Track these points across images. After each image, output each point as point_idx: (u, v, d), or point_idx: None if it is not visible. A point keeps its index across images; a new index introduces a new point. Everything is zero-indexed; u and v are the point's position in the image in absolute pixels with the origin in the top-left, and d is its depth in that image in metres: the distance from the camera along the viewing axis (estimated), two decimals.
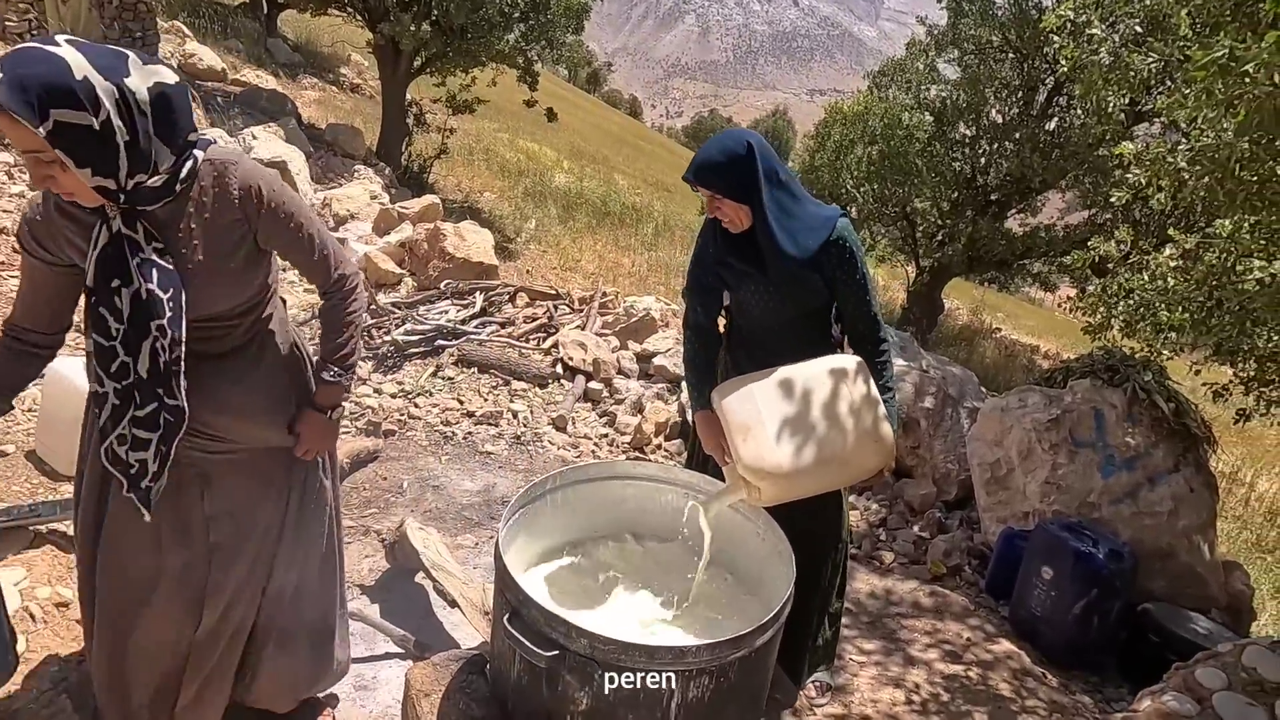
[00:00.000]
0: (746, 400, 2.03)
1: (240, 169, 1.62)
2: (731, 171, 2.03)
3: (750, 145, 2.03)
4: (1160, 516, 3.07)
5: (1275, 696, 2.07)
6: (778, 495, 2.01)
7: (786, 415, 2.00)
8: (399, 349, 4.85)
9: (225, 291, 1.65)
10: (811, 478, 2.01)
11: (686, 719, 1.79)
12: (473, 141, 14.74)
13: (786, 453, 1.96)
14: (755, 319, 2.25)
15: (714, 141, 2.10)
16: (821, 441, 1.99)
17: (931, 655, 2.79)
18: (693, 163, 2.09)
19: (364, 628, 2.66)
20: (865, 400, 2.04)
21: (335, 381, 1.87)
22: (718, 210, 2.10)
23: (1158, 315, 3.97)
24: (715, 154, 2.05)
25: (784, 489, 2.00)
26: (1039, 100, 10.71)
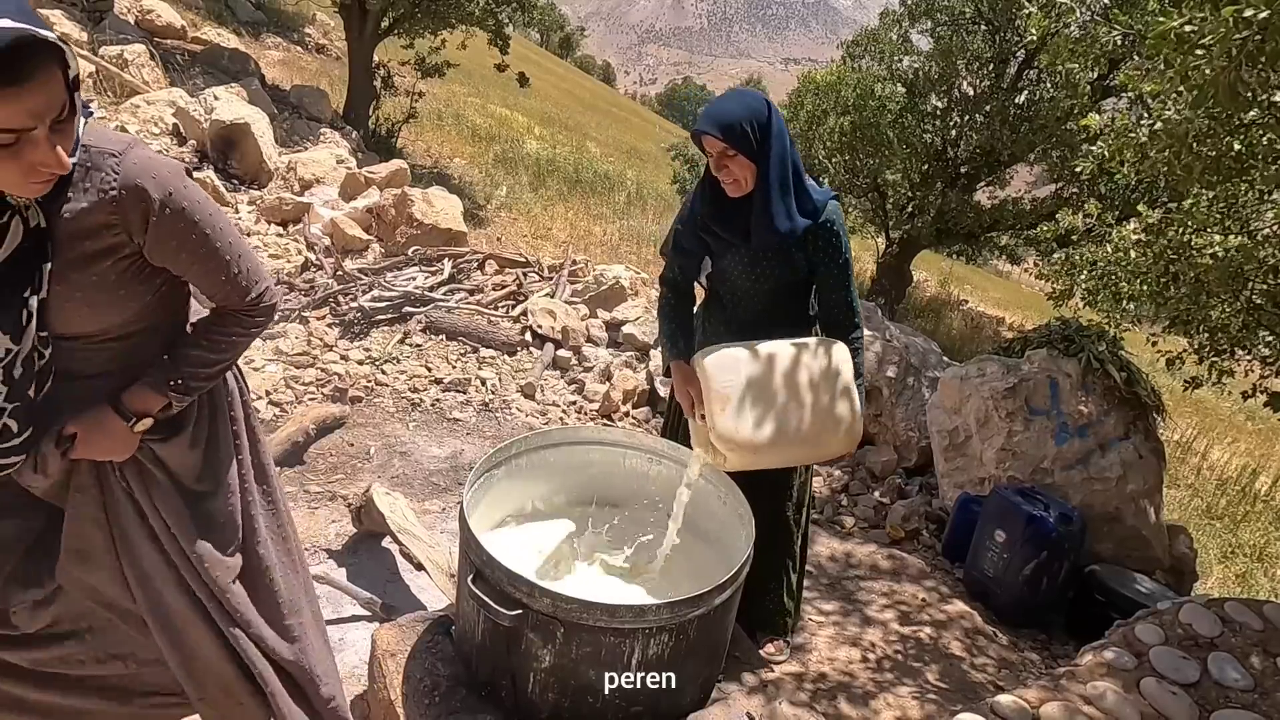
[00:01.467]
0: (731, 371, 2.05)
1: (125, 162, 1.26)
2: (752, 128, 1.99)
3: (768, 104, 2.03)
4: (1110, 482, 3.17)
5: (1208, 650, 2.17)
6: (742, 466, 2.06)
7: (766, 392, 2.03)
8: (366, 316, 4.81)
9: (85, 312, 1.31)
10: (778, 454, 2.06)
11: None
12: (442, 106, 14.49)
13: (762, 430, 2.00)
14: (734, 286, 2.25)
15: (732, 97, 2.06)
16: (795, 423, 2.03)
17: (888, 615, 2.89)
18: (708, 115, 2.02)
19: (331, 590, 2.68)
20: (844, 390, 2.08)
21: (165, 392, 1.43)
22: (725, 168, 2.05)
23: (1118, 287, 4.07)
24: (737, 108, 2.00)
25: (749, 461, 2.05)
26: (1009, 73, 10.77)
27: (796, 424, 2.03)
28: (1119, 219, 5.87)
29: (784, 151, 2.04)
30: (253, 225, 5.91)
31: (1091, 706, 1.96)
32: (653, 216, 12.80)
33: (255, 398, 3.78)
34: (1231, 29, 2.19)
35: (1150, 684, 2.03)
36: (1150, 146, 3.43)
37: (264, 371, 4.05)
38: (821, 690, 2.45)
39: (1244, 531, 6.34)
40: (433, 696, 1.96)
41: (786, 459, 2.11)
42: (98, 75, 7.61)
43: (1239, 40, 2.18)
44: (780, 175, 2.03)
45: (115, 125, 6.97)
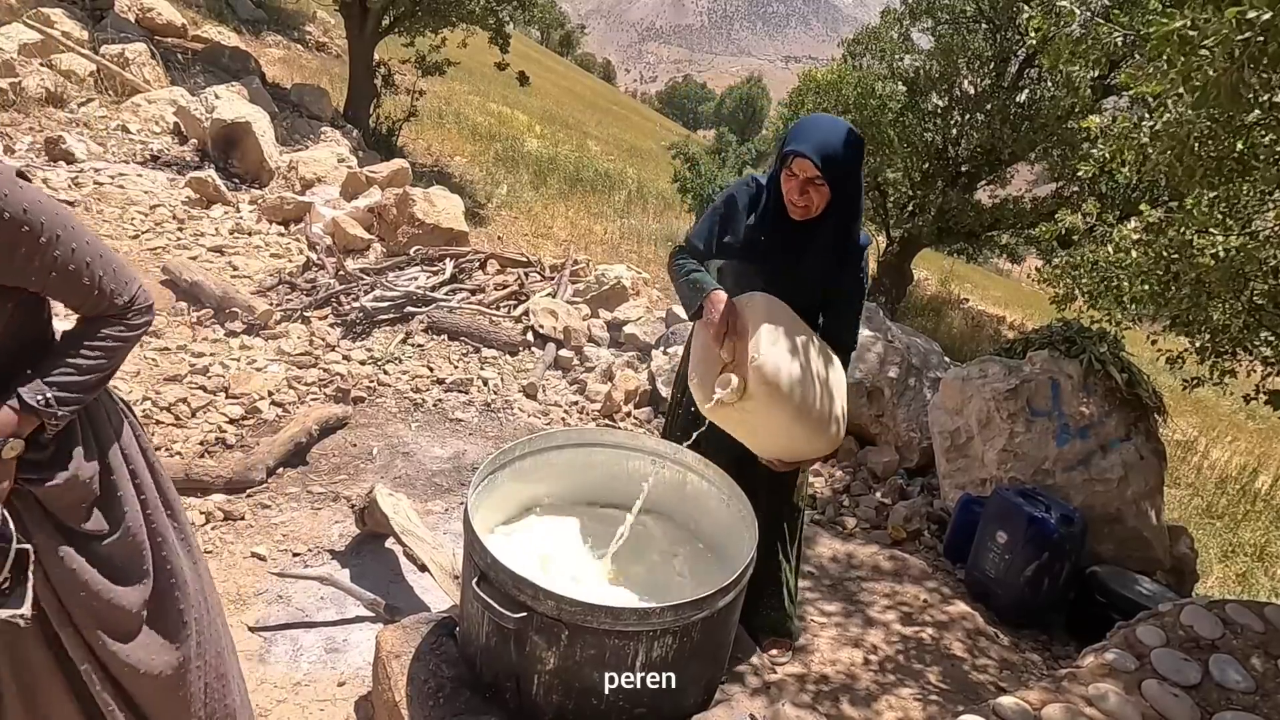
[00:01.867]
0: (782, 315, 2.06)
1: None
2: (852, 161, 2.03)
3: (861, 140, 2.07)
4: (1111, 483, 3.18)
5: (1209, 653, 2.18)
6: (757, 409, 1.99)
7: (800, 353, 2.04)
8: (368, 316, 4.82)
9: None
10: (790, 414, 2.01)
11: None
12: (443, 104, 14.49)
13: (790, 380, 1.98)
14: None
15: (836, 127, 2.05)
16: (814, 394, 2.03)
17: (890, 616, 2.89)
18: (812, 142, 2.00)
19: (334, 592, 2.69)
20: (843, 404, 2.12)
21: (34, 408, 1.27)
22: (806, 193, 2.03)
23: (1119, 287, 4.07)
24: (844, 142, 2.00)
25: (766, 406, 1.98)
26: (1010, 72, 10.76)
27: (814, 396, 2.03)
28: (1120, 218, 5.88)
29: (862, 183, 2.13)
30: (254, 225, 5.91)
31: (1093, 708, 1.97)
32: (653, 215, 12.80)
33: (258, 398, 3.79)
34: (1234, 30, 2.19)
35: (1152, 686, 2.04)
36: (1151, 147, 3.43)
37: (266, 372, 4.06)
38: (824, 691, 2.45)
39: (1244, 530, 6.35)
40: (437, 698, 1.97)
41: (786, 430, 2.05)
42: (99, 74, 7.61)
43: (1241, 41, 2.18)
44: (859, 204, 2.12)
45: (116, 124, 6.98)
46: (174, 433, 3.45)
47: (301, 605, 2.65)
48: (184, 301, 4.59)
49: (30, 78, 6.75)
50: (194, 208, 5.86)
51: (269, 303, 4.76)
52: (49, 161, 5.81)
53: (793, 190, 2.05)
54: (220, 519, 3.02)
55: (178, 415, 3.55)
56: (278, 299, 4.92)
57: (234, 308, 4.53)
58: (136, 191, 5.75)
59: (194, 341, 4.24)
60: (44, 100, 6.76)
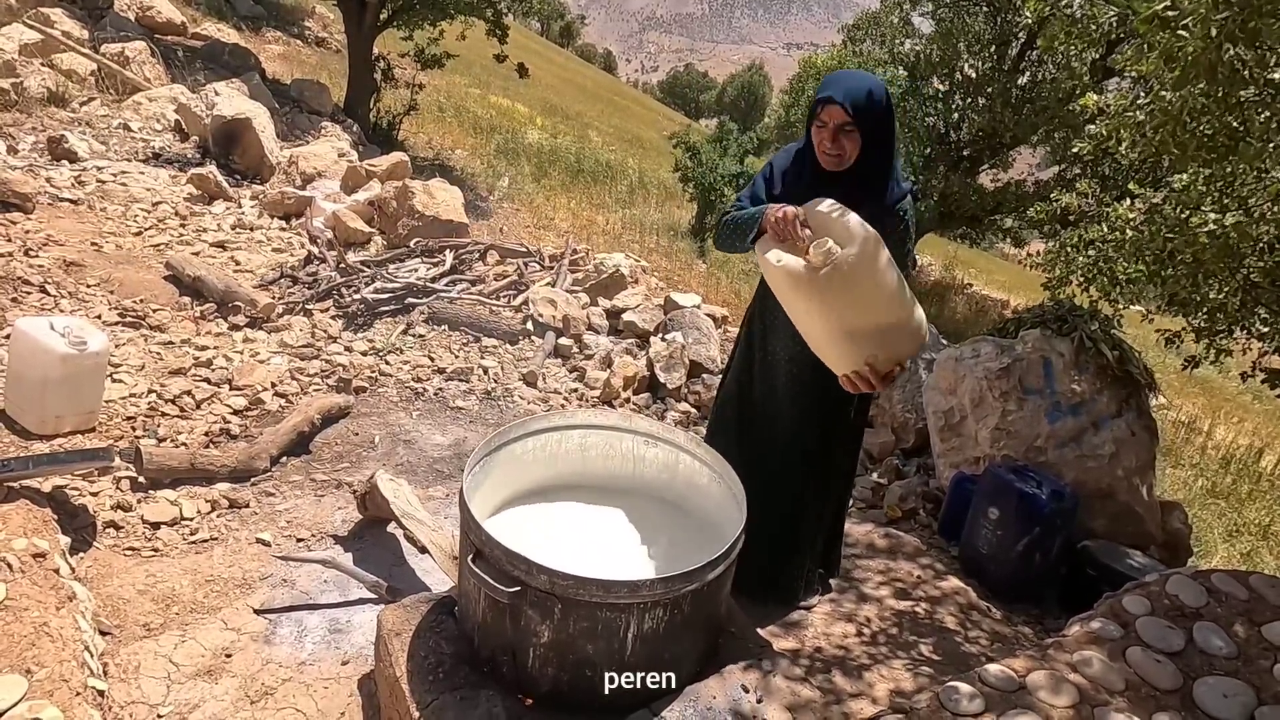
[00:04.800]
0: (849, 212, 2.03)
1: None
2: (881, 107, 2.08)
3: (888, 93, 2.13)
4: (1102, 459, 3.22)
5: (1193, 620, 2.22)
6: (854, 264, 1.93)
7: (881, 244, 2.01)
8: (369, 307, 4.87)
9: None
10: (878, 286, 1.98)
11: (643, 648, 1.91)
12: (443, 97, 14.50)
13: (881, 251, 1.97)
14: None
15: (862, 76, 2.14)
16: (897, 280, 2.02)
17: (883, 592, 2.94)
18: (842, 88, 2.04)
19: (338, 575, 2.75)
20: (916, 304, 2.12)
21: None
22: (838, 140, 2.08)
23: (1115, 267, 4.09)
24: (872, 88, 2.08)
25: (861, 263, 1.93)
26: (1011, 55, 10.74)
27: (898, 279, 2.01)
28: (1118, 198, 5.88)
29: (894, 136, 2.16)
30: (255, 219, 5.97)
31: (1077, 674, 2.01)
32: (655, 205, 12.81)
33: (261, 389, 3.85)
34: (1210, 9, 2.22)
35: (1136, 653, 2.08)
36: (1147, 125, 3.45)
37: (269, 364, 4.12)
38: (817, 664, 2.50)
39: (1249, 510, 6.36)
40: (437, 673, 2.03)
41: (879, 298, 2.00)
42: (99, 73, 7.67)
43: (1219, 21, 2.21)
44: (891, 154, 2.16)
45: (118, 123, 7.04)
46: (179, 424, 3.51)
47: (306, 588, 2.72)
48: (187, 296, 4.65)
49: (31, 78, 6.81)
50: (196, 204, 5.92)
51: (271, 296, 4.81)
52: (52, 161, 5.87)
53: (824, 139, 2.10)
54: (226, 507, 3.08)
55: (183, 407, 3.62)
56: (280, 292, 4.98)
57: (237, 301, 4.59)
58: (139, 189, 5.81)
59: (198, 335, 4.30)
60: (46, 100, 6.82)
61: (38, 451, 2.99)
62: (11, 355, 3.16)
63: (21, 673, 1.90)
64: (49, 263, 4.41)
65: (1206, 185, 3.59)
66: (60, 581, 2.25)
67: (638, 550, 2.28)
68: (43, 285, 4.19)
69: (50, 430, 3.13)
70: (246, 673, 2.34)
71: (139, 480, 3.03)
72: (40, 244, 4.58)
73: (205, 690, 2.27)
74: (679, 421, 4.38)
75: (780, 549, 2.55)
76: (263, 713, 2.22)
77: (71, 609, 2.18)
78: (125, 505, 2.92)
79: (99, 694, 2.05)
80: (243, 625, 2.52)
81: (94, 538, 2.75)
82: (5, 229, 4.60)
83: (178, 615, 2.53)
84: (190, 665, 2.33)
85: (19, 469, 2.56)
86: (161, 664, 2.32)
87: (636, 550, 2.28)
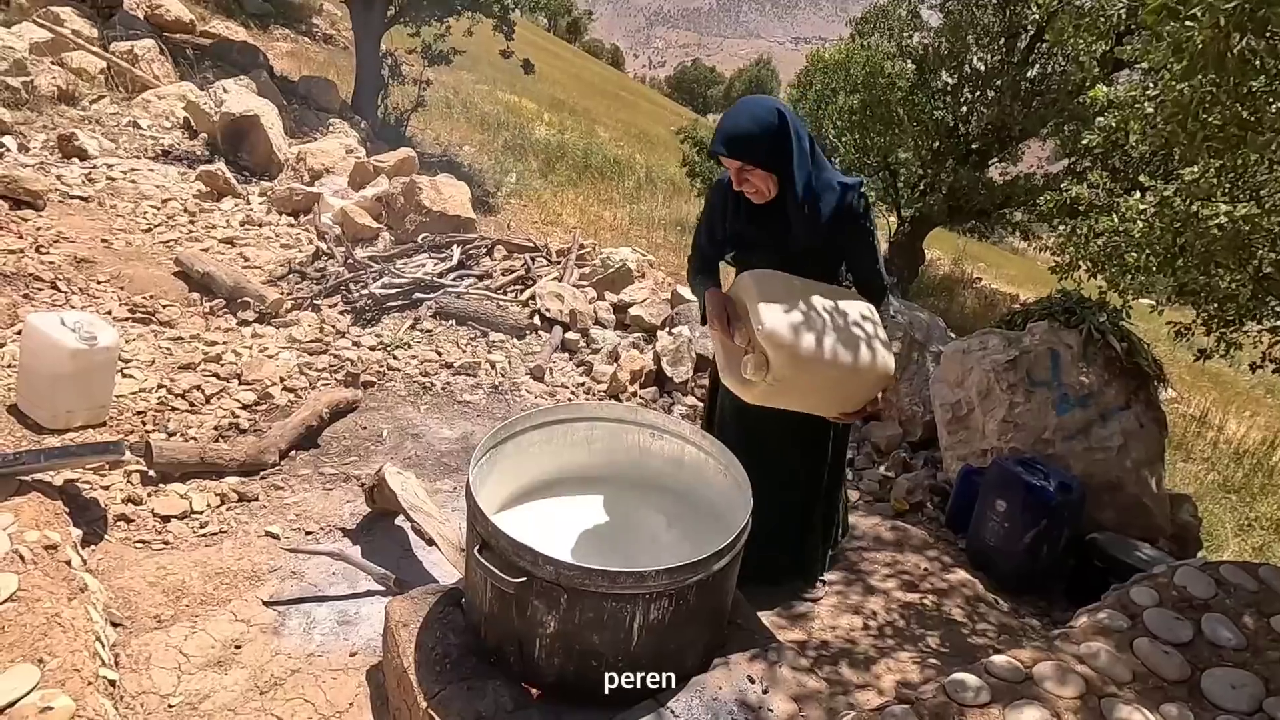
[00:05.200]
0: (776, 284, 2.09)
1: None
2: (766, 141, 2.00)
3: (780, 113, 2.03)
4: (1111, 451, 3.20)
5: (1202, 612, 2.21)
6: (785, 373, 2.01)
7: (808, 311, 2.06)
8: (376, 302, 4.89)
9: None
10: (815, 376, 2.05)
11: (649, 639, 1.91)
12: (450, 94, 14.51)
13: (802, 337, 2.01)
14: None
15: (741, 111, 2.05)
16: (832, 345, 2.05)
17: (890, 585, 2.94)
18: (720, 134, 2.04)
19: (346, 567, 2.77)
20: (875, 332, 2.13)
21: None
22: (746, 181, 2.08)
23: (1124, 258, 4.07)
24: (748, 124, 2.01)
25: (791, 369, 2.02)
26: (1020, 47, 10.65)
27: (835, 347, 2.04)
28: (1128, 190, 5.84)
29: (803, 154, 2.05)
30: (264, 216, 5.99)
31: (1084, 665, 2.00)
32: (663, 200, 12.79)
33: (270, 384, 3.87)
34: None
35: (1143, 644, 2.07)
36: (1156, 117, 3.42)
37: (278, 359, 4.14)
38: (824, 656, 2.51)
39: (1261, 504, 6.31)
40: (444, 664, 2.04)
41: (821, 385, 2.10)
42: (109, 71, 7.71)
43: (1227, 10, 2.19)
44: (805, 178, 2.06)
45: (128, 120, 7.08)
46: (189, 418, 3.54)
47: (314, 580, 2.73)
48: (197, 292, 4.67)
49: (42, 76, 6.85)
50: (205, 200, 5.95)
51: (280, 292, 4.84)
52: (62, 158, 5.91)
53: (735, 182, 2.11)
54: (235, 500, 3.10)
55: (192, 402, 3.64)
56: (288, 288, 5.00)
57: (245, 297, 4.61)
58: (149, 186, 5.84)
59: (207, 330, 4.33)
60: (56, 98, 6.86)
61: (49, 445, 3.02)
62: (23, 351, 3.19)
63: (34, 662, 1.92)
64: (60, 259, 4.44)
65: (1217, 176, 3.57)
66: (72, 573, 2.27)
67: (644, 541, 2.28)
68: (54, 281, 4.22)
69: (61, 425, 3.16)
70: (256, 664, 2.36)
71: (149, 474, 3.05)
72: (51, 241, 4.61)
73: (215, 681, 2.29)
74: (686, 415, 4.38)
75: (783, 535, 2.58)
76: (272, 703, 2.24)
77: (83, 600, 2.20)
78: (136, 499, 2.95)
79: (110, 684, 2.07)
80: (252, 617, 2.54)
81: (105, 530, 2.78)
82: (17, 226, 4.63)
83: (188, 607, 2.55)
84: (200, 656, 2.35)
85: (31, 462, 2.58)
86: (172, 655, 2.34)
87: (642, 541, 2.28)
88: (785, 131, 2.02)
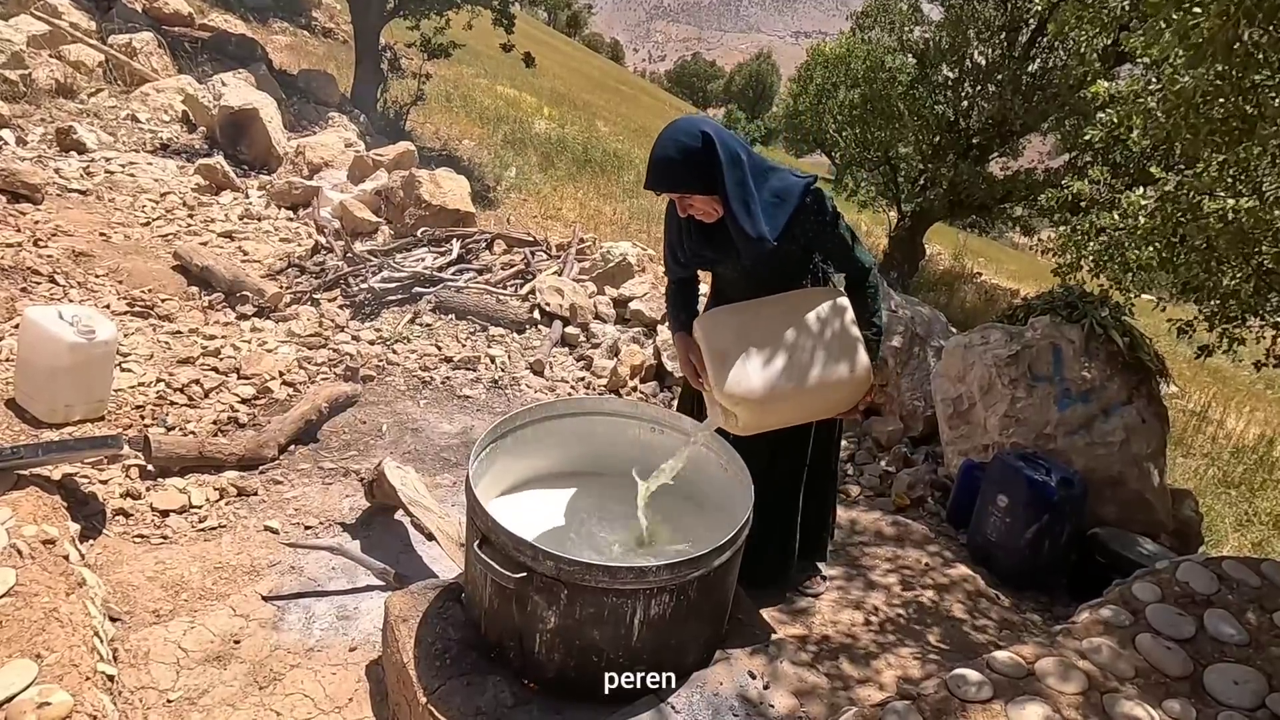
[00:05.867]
0: (724, 330, 2.09)
1: None
2: (694, 168, 1.96)
3: (705, 135, 1.96)
4: (1112, 446, 3.19)
5: (1204, 608, 2.20)
6: (754, 422, 2.07)
7: (763, 346, 2.06)
8: (376, 296, 4.87)
9: None
10: (788, 406, 2.08)
11: (650, 634, 1.90)
12: (450, 87, 14.46)
13: (761, 381, 2.02)
14: (735, 288, 2.30)
15: (667, 140, 1.99)
16: (797, 372, 2.05)
17: (891, 580, 2.93)
18: (651, 167, 2.00)
19: (346, 562, 2.76)
20: (842, 335, 2.11)
21: None
22: (690, 208, 2.06)
23: (1126, 254, 4.05)
24: (673, 154, 1.95)
25: (759, 416, 2.06)
26: (1021, 41, 10.62)
27: (800, 373, 2.04)
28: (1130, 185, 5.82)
29: (739, 172, 1.99)
30: (263, 210, 5.97)
31: (1086, 661, 1.99)
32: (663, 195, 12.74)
33: (269, 378, 3.85)
34: None
35: (1145, 639, 2.07)
36: (1159, 110, 3.40)
37: (277, 353, 4.13)
38: (824, 651, 2.50)
39: (1261, 499, 6.30)
40: (444, 659, 2.03)
41: (798, 411, 2.12)
42: (107, 64, 7.68)
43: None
44: (741, 196, 1.99)
45: (126, 114, 7.05)
46: (188, 412, 3.53)
47: (314, 575, 2.72)
48: (195, 286, 4.66)
49: (40, 69, 6.82)
50: (204, 194, 5.93)
51: (279, 286, 4.82)
52: (61, 152, 5.89)
53: (679, 209, 2.09)
54: (234, 495, 3.09)
55: (191, 396, 3.63)
56: (287, 282, 4.99)
57: (244, 291, 4.60)
58: (147, 179, 5.82)
59: (206, 325, 4.31)
60: (54, 91, 6.83)
61: (47, 440, 3.01)
62: (21, 344, 3.17)
63: (32, 657, 1.91)
64: (58, 253, 4.42)
65: (1220, 170, 3.55)
66: (70, 568, 2.26)
67: (646, 537, 2.27)
68: (52, 275, 4.20)
69: (60, 419, 3.15)
70: (255, 658, 2.35)
71: (148, 468, 3.04)
72: (49, 234, 4.59)
73: (214, 675, 2.28)
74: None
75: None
76: (271, 698, 2.23)
77: (81, 595, 2.19)
78: (134, 493, 2.94)
79: (109, 679, 2.06)
80: (251, 612, 2.53)
81: (104, 525, 2.77)
82: (15, 219, 4.61)
83: (187, 602, 2.54)
84: (199, 651, 2.35)
85: (29, 456, 2.57)
86: (171, 650, 2.33)
87: (645, 537, 2.27)
88: (712, 155, 1.95)
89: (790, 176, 2.10)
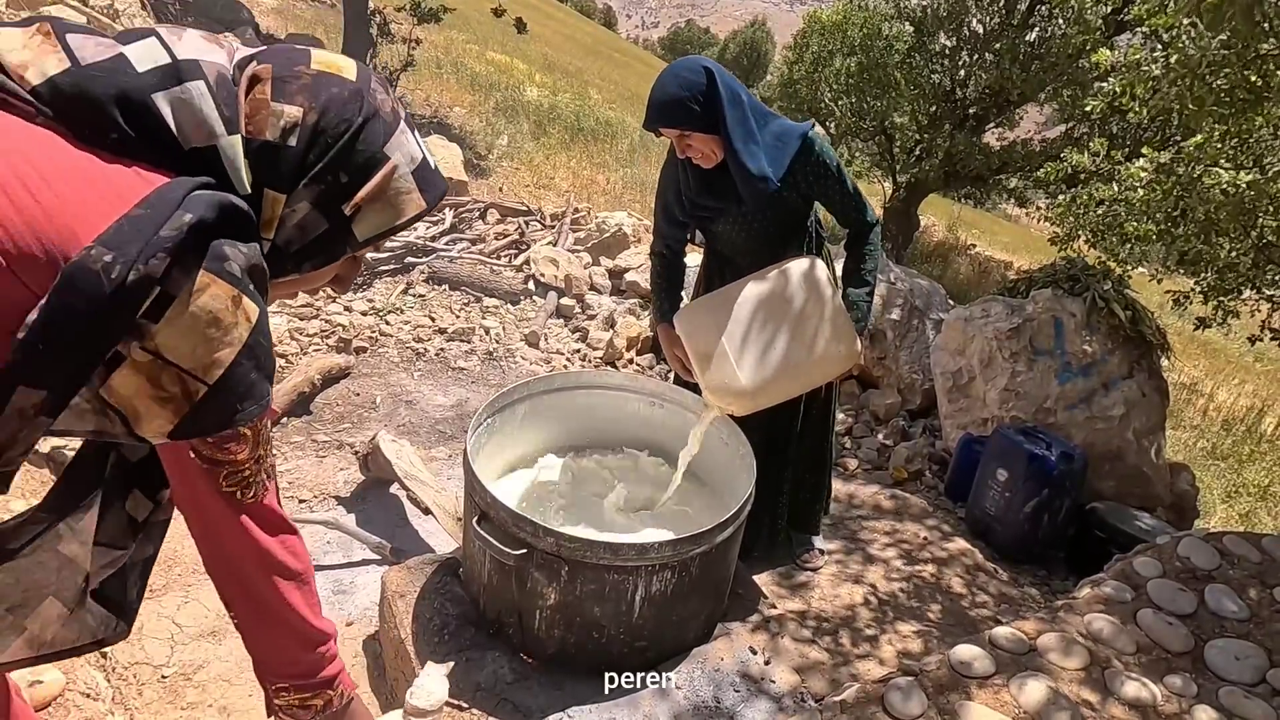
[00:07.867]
0: (702, 324, 2.07)
1: None
2: (696, 104, 1.95)
3: (708, 71, 1.96)
4: (1112, 420, 3.18)
5: (1205, 583, 2.20)
6: (748, 408, 2.08)
7: (745, 335, 2.04)
8: (368, 267, 4.79)
9: None
10: (777, 388, 2.08)
11: (651, 611, 1.88)
12: (440, 54, 14.19)
13: (747, 372, 2.02)
14: (733, 244, 2.27)
15: (668, 77, 1.99)
16: (782, 354, 2.04)
17: (890, 554, 2.92)
18: (650, 106, 1.99)
19: (341, 536, 2.73)
20: (825, 305, 2.08)
21: None
22: (689, 148, 2.03)
23: (1124, 226, 4.02)
24: (675, 89, 1.95)
25: (751, 403, 2.06)
26: (1020, 9, 10.48)
27: (784, 355, 2.04)
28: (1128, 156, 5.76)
29: (740, 111, 1.99)
30: None
31: (1088, 637, 1.99)
32: (656, 164, 12.60)
33: None
34: None
35: (1147, 615, 2.06)
36: (1163, 80, 3.35)
37: None
38: (824, 627, 2.49)
39: (1249, 471, 6.35)
40: (442, 635, 2.01)
41: (789, 390, 2.12)
42: (88, 25, 7.48)
43: None
44: (744, 135, 1.99)
45: None
46: None
47: (309, 549, 2.69)
48: None
49: None
50: None
51: None
52: None
53: (679, 150, 2.06)
54: None
55: None
56: None
57: None
58: None
59: None
60: None
61: None
62: None
63: None
64: None
65: (1221, 142, 3.51)
66: None
67: (645, 512, 2.25)
68: None
69: None
70: None
71: None
72: None
73: (209, 650, 2.25)
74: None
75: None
76: None
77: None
78: None
79: (102, 655, 2.04)
80: None
81: None
82: None
83: (180, 576, 2.51)
84: (194, 626, 2.32)
85: None
86: (165, 625, 2.30)
87: (643, 512, 2.25)
88: (714, 91, 1.95)
89: (789, 122, 2.12)
